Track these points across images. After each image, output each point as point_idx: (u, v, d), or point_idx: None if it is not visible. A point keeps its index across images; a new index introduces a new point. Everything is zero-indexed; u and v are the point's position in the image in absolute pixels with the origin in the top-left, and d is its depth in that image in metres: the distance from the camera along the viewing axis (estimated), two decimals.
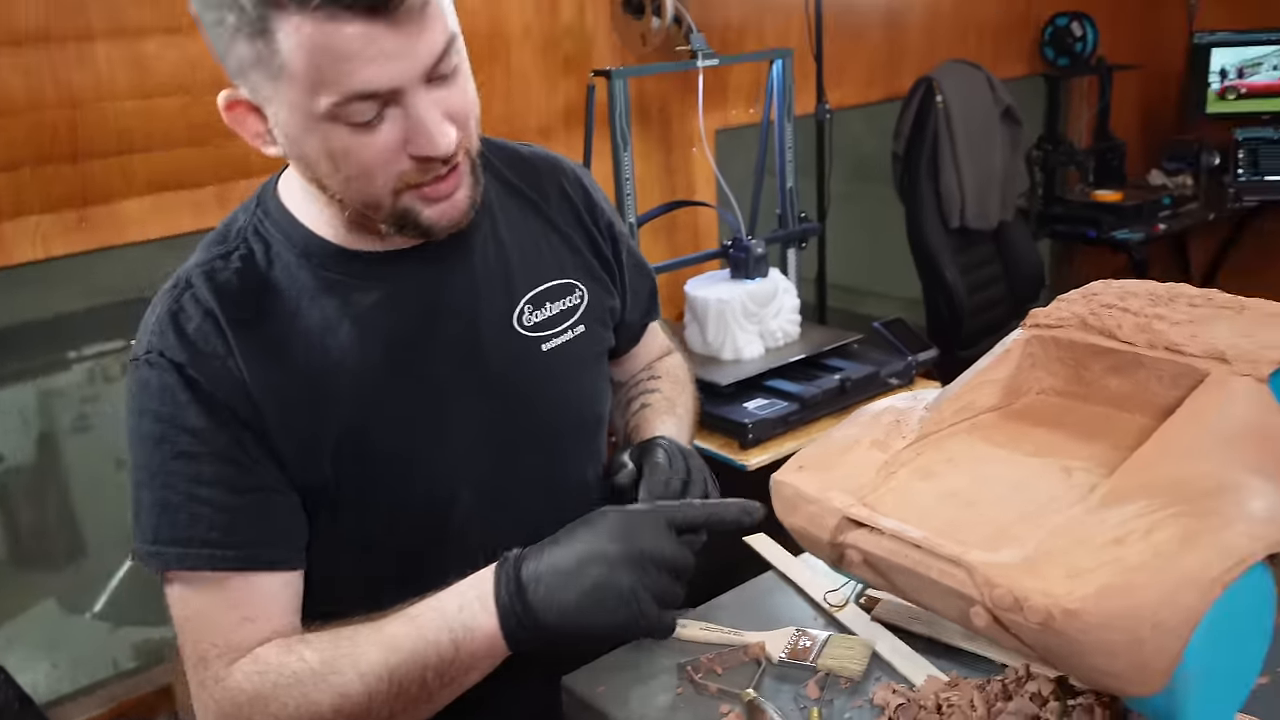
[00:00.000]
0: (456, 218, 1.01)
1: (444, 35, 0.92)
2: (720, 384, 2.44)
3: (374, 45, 0.87)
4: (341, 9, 0.85)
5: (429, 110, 0.92)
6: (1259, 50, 4.44)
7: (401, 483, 1.07)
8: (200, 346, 0.99)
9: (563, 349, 1.15)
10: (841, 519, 0.87)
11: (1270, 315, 0.96)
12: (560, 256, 1.18)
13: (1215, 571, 0.74)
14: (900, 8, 3.60)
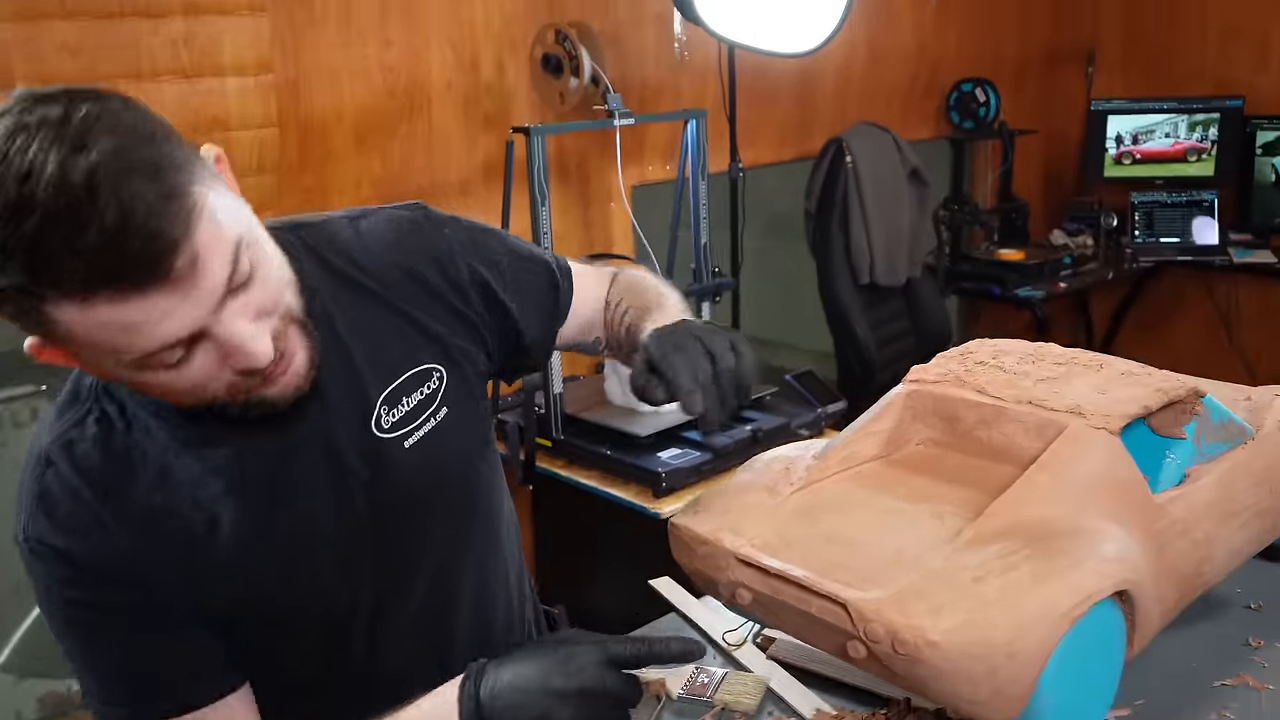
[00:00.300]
0: (300, 384, 0.98)
1: (225, 262, 0.86)
2: (639, 435, 2.51)
3: (154, 309, 0.82)
4: (104, 291, 0.80)
5: (237, 327, 0.88)
6: (1152, 118, 4.65)
7: (295, 616, 1.07)
8: (74, 528, 0.98)
9: (426, 440, 1.11)
10: (732, 559, 0.93)
11: (1125, 374, 1.05)
12: (409, 342, 1.12)
13: (1064, 607, 0.81)
14: (812, 72, 3.74)
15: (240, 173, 2.54)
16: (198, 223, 0.82)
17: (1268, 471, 1.08)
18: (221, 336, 0.88)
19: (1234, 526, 1.04)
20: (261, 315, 0.91)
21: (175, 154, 0.83)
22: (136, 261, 0.79)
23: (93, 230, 0.77)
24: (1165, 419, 1.04)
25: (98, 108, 0.80)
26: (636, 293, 1.28)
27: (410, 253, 1.13)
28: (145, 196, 0.79)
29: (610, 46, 2.98)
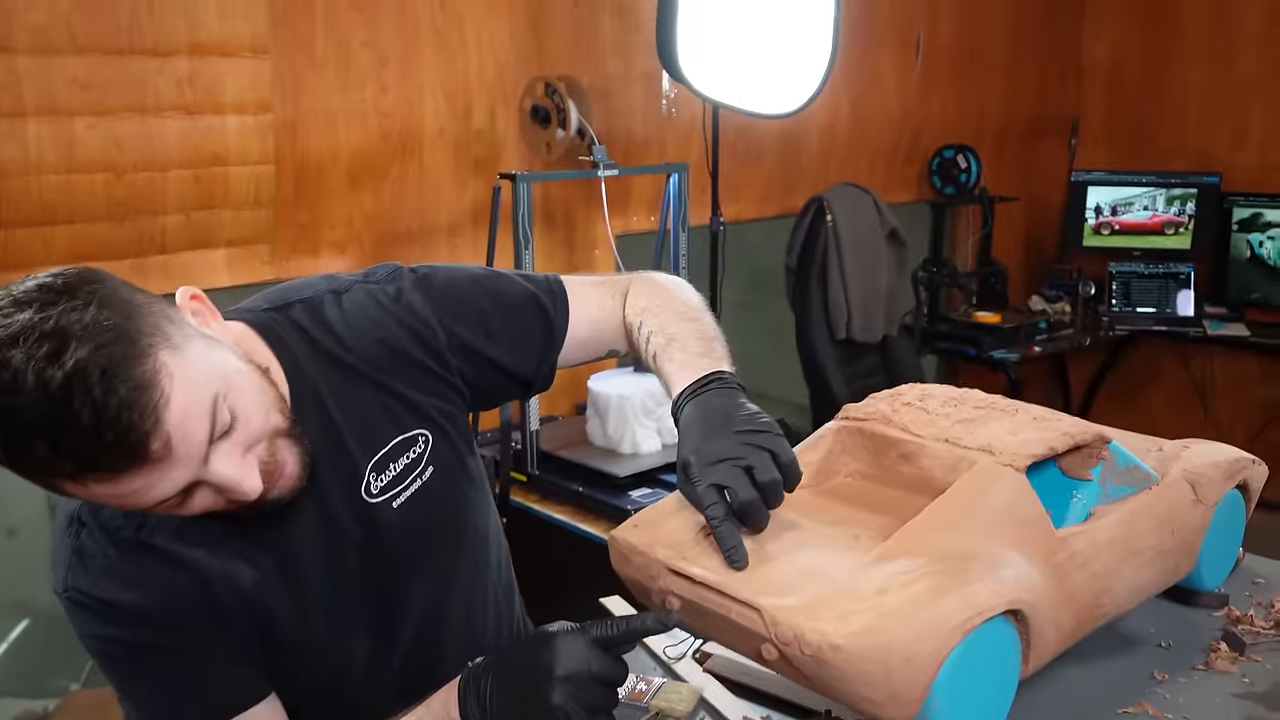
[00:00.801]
0: (296, 485, 1.07)
1: (203, 422, 0.94)
2: (618, 475, 2.60)
3: (142, 482, 0.92)
4: (92, 476, 0.90)
5: (226, 471, 0.97)
6: (1131, 190, 4.78)
7: (304, 670, 1.19)
8: (108, 581, 1.08)
9: (413, 498, 1.20)
10: (664, 569, 1.01)
11: (1037, 419, 1.14)
12: (393, 413, 1.19)
13: (958, 619, 0.89)
14: (797, 132, 3.87)
15: (237, 206, 2.65)
16: (166, 409, 0.90)
17: (1170, 515, 1.16)
18: (213, 480, 0.97)
19: (1136, 564, 1.12)
20: (248, 450, 1.00)
21: (142, 338, 0.91)
22: (115, 453, 0.89)
23: (72, 432, 0.86)
24: (1073, 461, 1.13)
25: (69, 311, 0.88)
26: (660, 312, 1.30)
27: (390, 328, 1.19)
28: (117, 392, 0.87)
29: (599, 101, 3.11)
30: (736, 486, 0.99)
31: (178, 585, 1.09)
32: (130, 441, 0.88)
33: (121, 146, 2.34)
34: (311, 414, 1.13)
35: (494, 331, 1.25)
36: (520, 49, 3.06)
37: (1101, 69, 5.08)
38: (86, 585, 1.08)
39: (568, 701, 0.98)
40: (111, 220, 2.39)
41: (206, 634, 1.11)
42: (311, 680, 1.20)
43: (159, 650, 1.09)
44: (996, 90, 4.72)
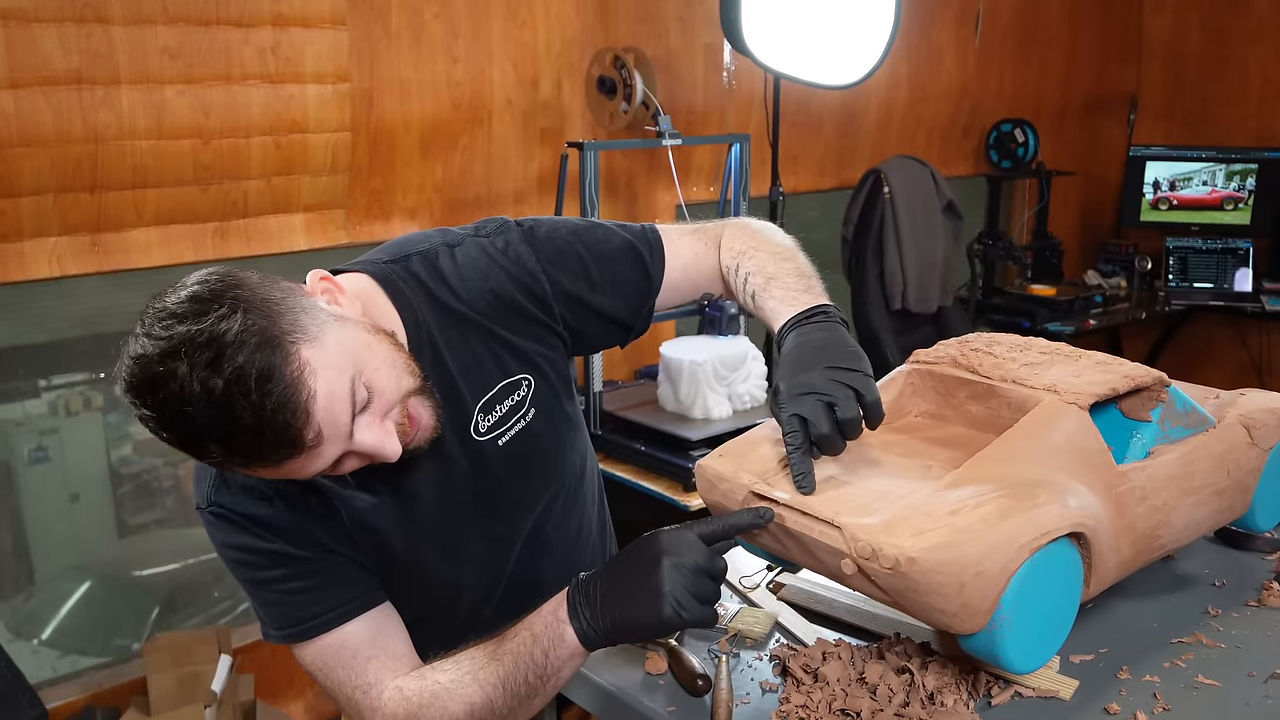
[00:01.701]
0: (431, 434, 1.18)
1: (346, 405, 1.05)
2: (690, 439, 2.67)
3: (299, 464, 1.05)
4: (257, 465, 1.04)
5: (369, 440, 1.09)
6: (1190, 166, 4.77)
7: (416, 593, 1.30)
8: (247, 498, 1.20)
9: (516, 438, 1.30)
10: (748, 493, 1.09)
11: (1100, 363, 1.20)
12: (500, 359, 1.28)
13: (1026, 537, 0.96)
14: (856, 106, 3.91)
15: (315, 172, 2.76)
16: (314, 403, 1.02)
17: (1226, 456, 1.22)
18: (358, 450, 1.09)
19: (1192, 501, 1.18)
20: (385, 416, 1.11)
21: (285, 339, 1.02)
22: (275, 446, 1.01)
23: (238, 434, 0.99)
24: (1134, 403, 1.19)
25: (219, 321, 0.99)
26: (755, 254, 1.36)
27: (499, 279, 1.28)
28: (272, 395, 0.99)
29: (662, 72, 3.17)
30: (816, 420, 1.06)
31: (308, 504, 1.20)
32: (288, 437, 1.01)
33: (208, 113, 2.44)
34: (427, 359, 1.23)
35: (595, 280, 1.33)
36: (585, 22, 3.13)
37: (1161, 44, 5.06)
38: (228, 501, 1.20)
39: (676, 588, 1.05)
40: (198, 184, 2.49)
41: (329, 548, 1.21)
42: (424, 603, 1.30)
43: (287, 558, 1.20)
44: (1055, 65, 4.72)
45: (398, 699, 1.18)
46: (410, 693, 1.18)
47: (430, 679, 1.18)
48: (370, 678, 1.20)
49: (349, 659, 1.21)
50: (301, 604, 1.21)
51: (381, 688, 1.20)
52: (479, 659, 1.16)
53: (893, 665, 1.09)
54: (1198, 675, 1.11)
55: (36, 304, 2.96)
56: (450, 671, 1.17)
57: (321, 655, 1.21)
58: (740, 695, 1.09)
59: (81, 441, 3.33)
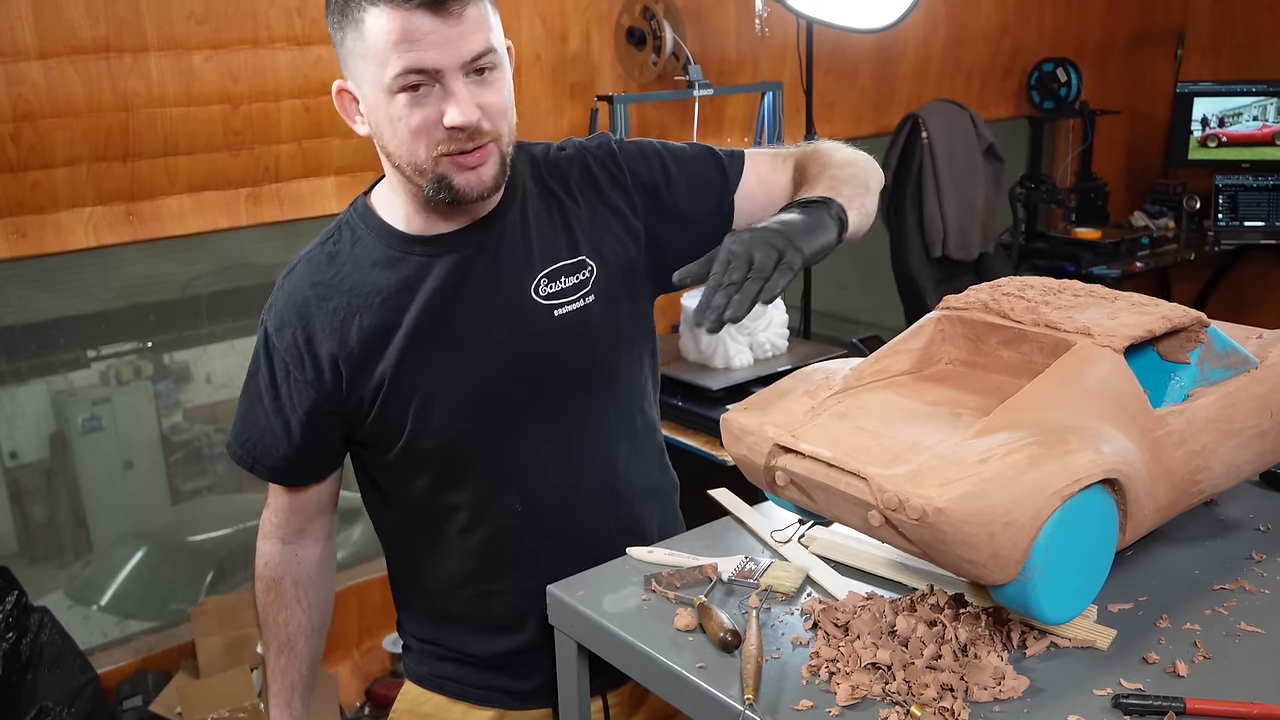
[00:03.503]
0: (481, 188, 1.27)
1: (482, 42, 1.21)
2: (711, 389, 2.66)
3: (428, 33, 1.17)
4: (407, 4, 1.16)
5: (461, 92, 1.21)
6: (1239, 101, 4.64)
7: (423, 416, 1.35)
8: (285, 316, 1.36)
9: (572, 315, 1.37)
10: (773, 446, 1.08)
11: (1135, 304, 1.17)
12: (574, 240, 1.39)
13: (1057, 485, 0.94)
14: (892, 50, 3.83)
15: (345, 134, 2.76)
16: (475, 3, 1.20)
17: (1268, 397, 1.19)
18: (450, 88, 1.20)
19: (1233, 444, 1.15)
20: (480, 109, 1.23)
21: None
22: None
23: None
24: (1171, 345, 1.16)
25: None
26: (821, 179, 1.39)
27: (586, 163, 1.43)
28: None
29: (692, 22, 3.12)
30: (736, 265, 1.12)
31: (347, 325, 1.33)
32: None
33: (237, 78, 2.44)
34: (514, 214, 1.37)
35: (672, 175, 1.45)
36: None
37: None
38: (269, 317, 1.38)
39: None
40: (229, 150, 2.50)
41: (340, 389, 1.35)
42: (436, 428, 1.36)
43: (290, 382, 1.36)
44: (1098, 1, 4.60)
45: (262, 557, 1.48)
46: (263, 571, 1.48)
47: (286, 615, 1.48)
48: (281, 520, 1.46)
49: (283, 503, 1.46)
50: (271, 452, 1.40)
51: (278, 533, 1.47)
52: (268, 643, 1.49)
53: (924, 618, 1.07)
54: (1240, 623, 1.09)
55: (81, 275, 2.99)
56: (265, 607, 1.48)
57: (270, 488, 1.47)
58: (770, 650, 1.08)
59: (133, 410, 3.38)
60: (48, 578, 3.20)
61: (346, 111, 1.30)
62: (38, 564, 3.21)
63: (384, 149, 1.28)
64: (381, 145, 1.28)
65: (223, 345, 3.46)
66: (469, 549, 1.42)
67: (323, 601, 1.52)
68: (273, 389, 1.38)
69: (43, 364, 3.17)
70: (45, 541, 3.22)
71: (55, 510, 3.26)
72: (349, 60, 1.24)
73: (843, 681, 1.00)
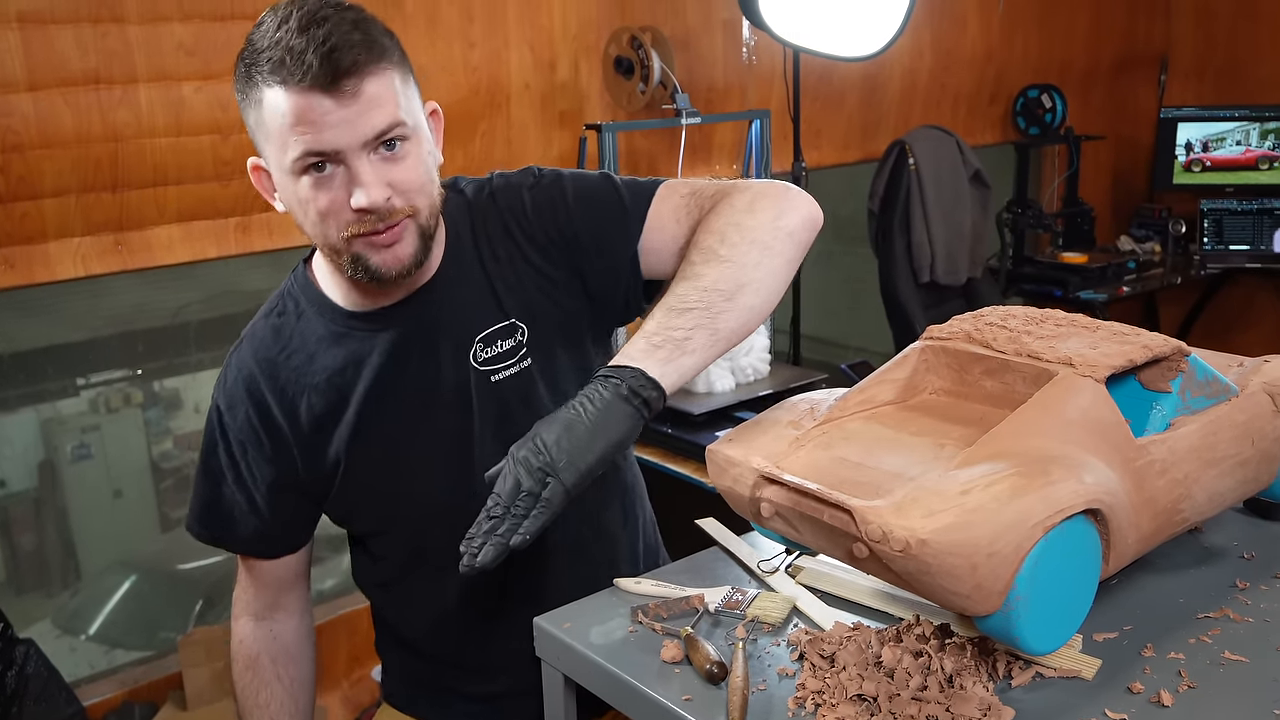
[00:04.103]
0: (399, 267, 1.23)
1: (387, 118, 1.16)
2: (693, 413, 2.67)
3: (323, 114, 1.13)
4: (299, 83, 1.12)
5: (367, 172, 1.16)
6: (1223, 125, 4.68)
7: (385, 495, 1.37)
8: (234, 395, 1.36)
9: (510, 380, 1.35)
10: (758, 477, 1.08)
11: (1117, 334, 1.17)
12: (501, 303, 1.34)
13: (1040, 516, 0.95)
14: (879, 77, 3.87)
15: None
16: (372, 77, 1.15)
17: (1250, 425, 1.20)
18: (355, 169, 1.16)
19: (1215, 473, 1.16)
20: (390, 187, 1.19)
21: (389, 46, 1.19)
22: (322, 66, 1.12)
23: (307, 40, 1.12)
24: (1153, 374, 1.17)
25: (360, 9, 1.19)
26: (706, 237, 1.25)
27: (508, 228, 1.36)
28: (352, 40, 1.13)
29: (680, 51, 3.15)
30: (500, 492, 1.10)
31: (295, 401, 1.33)
32: (342, 66, 1.12)
33: (226, 108, 2.45)
34: (452, 271, 1.34)
35: (576, 217, 1.35)
36: (602, 2, 3.11)
37: (1191, 2, 4.96)
38: (219, 395, 1.38)
39: None
40: (218, 180, 2.50)
41: (295, 465, 1.36)
42: (395, 501, 1.38)
43: (244, 461, 1.37)
44: (1081, 27, 4.64)
45: (236, 638, 1.47)
46: (237, 651, 1.47)
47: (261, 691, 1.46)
48: (250, 596, 1.46)
49: (251, 573, 1.45)
50: (238, 531, 1.40)
51: (249, 610, 1.46)
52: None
53: (910, 648, 1.07)
54: (1224, 651, 1.09)
55: (71, 304, 3.00)
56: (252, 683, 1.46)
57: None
58: (756, 682, 1.08)
59: (122, 438, 3.38)
60: (35, 607, 3.19)
61: (264, 188, 1.26)
62: (25, 594, 3.20)
63: (300, 227, 1.25)
64: (298, 224, 1.25)
65: (212, 372, 3.45)
66: (448, 597, 1.42)
67: (305, 679, 1.50)
68: (234, 467, 1.37)
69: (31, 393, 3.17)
70: (33, 571, 3.21)
71: (43, 539, 3.25)
72: (255, 138, 1.21)
73: (829, 713, 1.00)
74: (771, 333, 3.15)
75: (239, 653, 1.46)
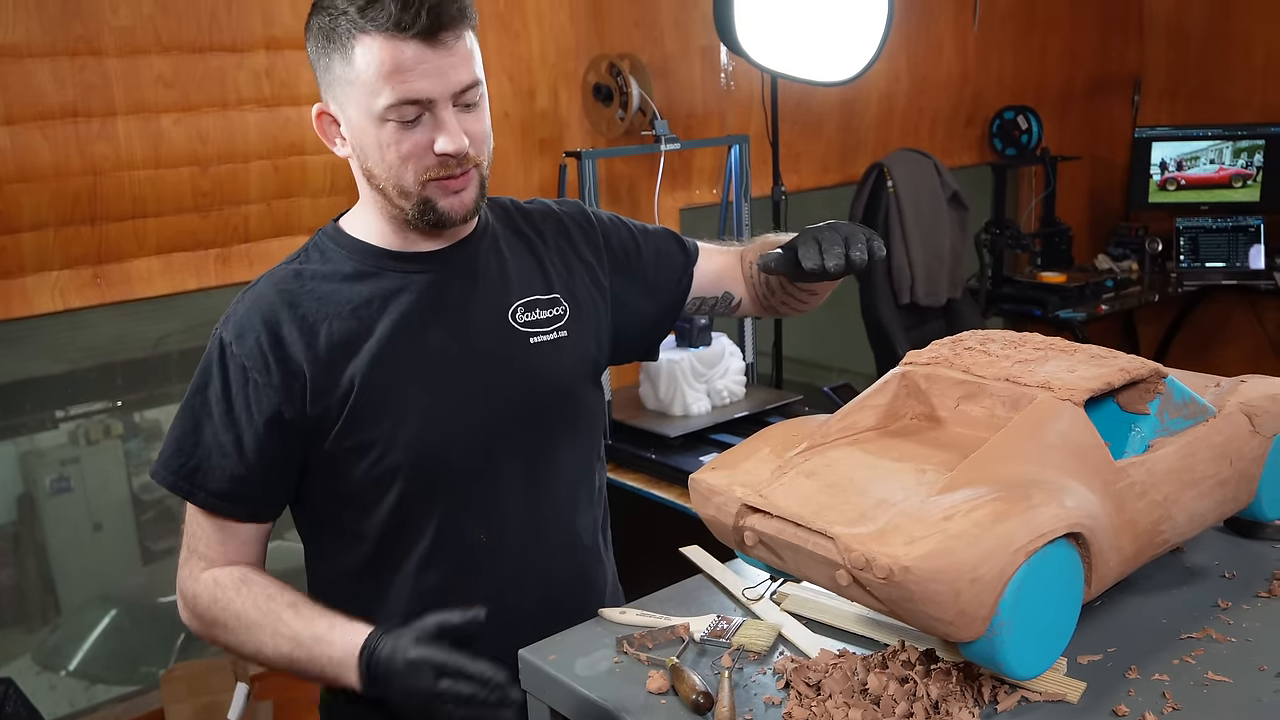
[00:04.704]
0: (464, 211, 1.32)
1: (471, 74, 1.26)
2: (669, 436, 2.68)
3: (421, 63, 1.22)
4: (400, 34, 1.20)
5: (451, 121, 1.25)
6: (1196, 145, 4.73)
7: (397, 426, 1.34)
8: (245, 327, 1.32)
9: (547, 345, 1.42)
10: (741, 506, 1.08)
11: (1095, 357, 1.18)
12: (549, 278, 1.45)
13: (1021, 541, 0.95)
14: (856, 101, 3.89)
15: (315, 194, 2.77)
16: (466, 34, 1.25)
17: (1227, 445, 1.20)
18: (440, 117, 1.25)
19: (1195, 493, 1.17)
20: (467, 135, 1.27)
21: (471, 6, 1.27)
22: (428, 14, 1.20)
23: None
24: (1131, 396, 1.17)
25: None
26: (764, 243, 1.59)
27: (561, 220, 1.51)
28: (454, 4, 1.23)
29: (659, 78, 3.17)
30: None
31: (312, 333, 1.32)
32: (442, 19, 1.21)
33: (205, 140, 2.45)
34: (486, 244, 1.43)
35: (641, 245, 1.56)
36: (580, 30, 3.13)
37: (1163, 24, 5.02)
38: (226, 330, 1.34)
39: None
40: (198, 211, 2.50)
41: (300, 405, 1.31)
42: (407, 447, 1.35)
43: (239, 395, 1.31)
44: (1056, 49, 4.69)
45: (211, 588, 1.35)
46: (223, 594, 1.34)
47: (243, 600, 1.33)
48: (214, 556, 1.36)
49: (217, 535, 1.36)
50: (216, 477, 1.32)
51: (211, 565, 1.36)
52: (280, 629, 1.30)
53: (896, 675, 1.07)
54: (1208, 672, 1.10)
55: (50, 336, 2.98)
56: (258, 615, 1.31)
57: (201, 521, 1.36)
58: (743, 712, 1.08)
59: (102, 470, 3.35)
60: (14, 644, 3.15)
61: (326, 134, 1.33)
62: (4, 630, 3.17)
63: (368, 171, 1.30)
64: (365, 168, 1.30)
65: None
66: (425, 588, 1.38)
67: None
68: (225, 401, 1.31)
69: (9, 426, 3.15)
70: (13, 607, 3.18)
71: (22, 574, 3.21)
72: (334, 85, 1.27)
73: None
74: (754, 355, 3.16)
75: (200, 601, 1.35)
